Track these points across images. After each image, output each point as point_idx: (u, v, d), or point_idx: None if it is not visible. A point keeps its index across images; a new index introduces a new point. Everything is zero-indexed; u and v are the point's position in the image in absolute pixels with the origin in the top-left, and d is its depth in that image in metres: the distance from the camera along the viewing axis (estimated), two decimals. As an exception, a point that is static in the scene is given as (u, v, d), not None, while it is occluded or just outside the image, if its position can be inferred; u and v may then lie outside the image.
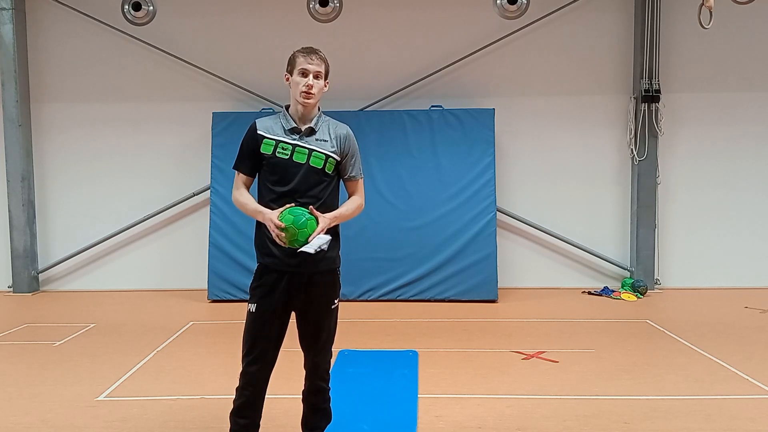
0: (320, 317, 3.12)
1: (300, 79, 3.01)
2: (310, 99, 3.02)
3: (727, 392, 4.44)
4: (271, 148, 3.04)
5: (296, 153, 3.02)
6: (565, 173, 8.25)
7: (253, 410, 3.09)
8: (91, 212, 8.39)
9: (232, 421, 3.10)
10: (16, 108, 8.03)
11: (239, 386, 3.08)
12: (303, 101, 3.02)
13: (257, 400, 3.09)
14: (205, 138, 8.11)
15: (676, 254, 8.28)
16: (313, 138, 3.06)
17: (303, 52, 3.04)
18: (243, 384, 3.07)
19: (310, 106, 3.05)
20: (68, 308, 7.48)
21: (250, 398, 3.06)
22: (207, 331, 6.36)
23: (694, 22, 6.21)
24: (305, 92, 3.00)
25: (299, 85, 3.01)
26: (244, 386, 3.06)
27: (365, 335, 5.98)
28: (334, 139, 3.09)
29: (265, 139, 3.05)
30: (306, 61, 3.01)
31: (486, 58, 8.18)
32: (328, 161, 3.05)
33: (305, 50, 3.06)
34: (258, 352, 3.04)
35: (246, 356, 3.06)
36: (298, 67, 3.02)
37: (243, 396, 3.06)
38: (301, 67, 3.01)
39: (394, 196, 7.79)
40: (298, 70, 3.01)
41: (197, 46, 8.21)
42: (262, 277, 3.07)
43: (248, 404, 3.07)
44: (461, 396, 4.39)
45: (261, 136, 3.06)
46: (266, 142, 3.05)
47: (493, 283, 7.59)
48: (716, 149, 8.19)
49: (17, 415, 4.11)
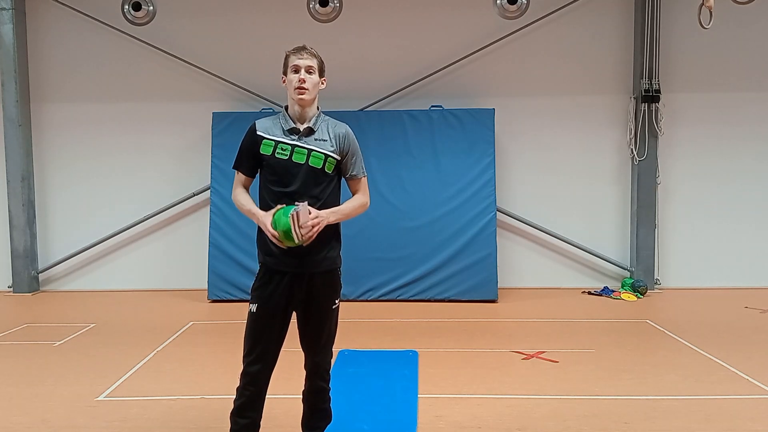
0: (321, 317, 3.12)
1: (293, 76, 3.02)
2: (304, 94, 3.00)
3: (727, 392, 4.44)
4: (271, 148, 3.03)
5: (295, 153, 3.02)
6: (565, 173, 8.25)
7: (254, 410, 3.09)
8: (91, 212, 8.39)
9: (232, 421, 3.09)
10: (16, 108, 8.04)
11: (240, 386, 3.07)
12: (298, 97, 3.01)
13: (258, 400, 3.08)
14: (205, 138, 8.11)
15: (676, 254, 8.28)
16: (312, 138, 3.05)
17: (293, 51, 3.07)
18: (244, 384, 3.06)
19: (306, 104, 3.04)
20: (68, 308, 7.48)
21: (250, 398, 3.05)
22: (207, 331, 6.36)
23: (694, 22, 6.21)
24: (298, 87, 3.00)
25: (293, 82, 3.01)
26: (245, 386, 3.06)
27: (365, 335, 5.98)
28: (333, 139, 3.08)
29: (265, 139, 3.05)
30: (296, 58, 3.03)
31: (486, 58, 8.18)
32: (327, 161, 3.04)
33: (295, 48, 3.08)
34: (259, 352, 3.03)
35: (247, 356, 3.06)
36: (290, 65, 3.04)
37: (243, 396, 3.06)
38: (293, 64, 3.03)
39: (394, 196, 7.79)
40: (290, 68, 3.03)
41: (197, 46, 8.21)
42: (263, 278, 3.07)
43: (249, 404, 3.06)
44: (461, 396, 4.39)
45: (260, 137, 3.06)
46: (265, 142, 3.05)
47: (493, 283, 7.59)
48: (716, 149, 8.19)
49: (17, 415, 4.11)
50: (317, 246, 2.99)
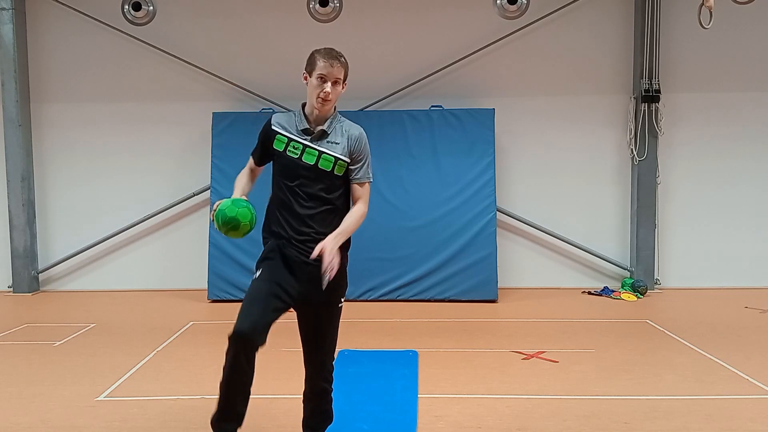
0: (329, 316, 3.11)
1: (318, 84, 2.96)
2: (327, 105, 3.01)
3: (727, 392, 4.44)
4: (283, 145, 3.05)
5: (306, 154, 3.02)
6: (565, 173, 8.25)
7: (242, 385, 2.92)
8: (91, 212, 8.39)
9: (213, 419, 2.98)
10: (16, 108, 8.03)
11: (225, 364, 2.91)
12: (319, 107, 3.00)
13: (243, 378, 2.91)
14: (205, 138, 8.11)
15: (676, 254, 8.28)
16: (325, 141, 3.04)
17: (325, 57, 2.97)
18: (230, 358, 2.88)
19: (325, 111, 3.05)
20: (68, 308, 7.48)
21: (235, 375, 2.89)
22: (207, 331, 6.35)
23: (694, 22, 6.22)
24: (322, 99, 2.97)
25: (316, 90, 2.97)
26: (231, 361, 2.87)
27: (365, 335, 5.98)
28: (345, 140, 3.05)
29: (279, 135, 3.07)
30: (326, 67, 2.95)
31: (486, 58, 8.18)
32: (337, 164, 3.03)
33: (327, 54, 2.98)
34: (250, 313, 2.90)
35: (239, 317, 2.91)
36: (317, 71, 2.96)
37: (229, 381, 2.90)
38: (321, 72, 2.96)
39: (394, 196, 7.79)
40: (317, 75, 2.96)
41: (197, 46, 8.21)
42: (270, 252, 3.05)
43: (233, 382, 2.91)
44: (461, 396, 4.39)
45: (275, 132, 3.08)
46: (279, 138, 3.06)
47: (493, 283, 7.59)
48: (716, 149, 8.19)
49: (17, 415, 4.11)
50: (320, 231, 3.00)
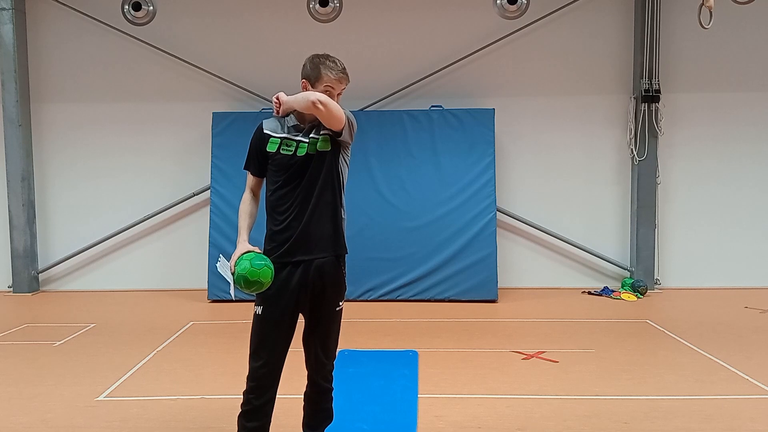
0: (330, 318, 3.11)
1: None
2: None
3: (727, 392, 4.44)
4: (276, 146, 3.05)
5: (299, 148, 3.03)
6: (565, 173, 8.25)
7: (263, 414, 3.02)
8: (91, 212, 8.39)
9: (240, 425, 3.03)
10: (16, 108, 8.03)
11: (246, 389, 3.01)
12: (318, 113, 2.97)
13: (266, 403, 3.01)
14: (205, 138, 8.11)
15: (676, 254, 8.27)
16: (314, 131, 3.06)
17: (333, 70, 3.00)
18: (250, 388, 3.00)
19: None
20: (68, 308, 7.48)
21: (258, 402, 2.99)
22: (207, 331, 6.35)
23: (694, 22, 6.21)
24: None
25: None
26: (252, 390, 2.99)
27: (365, 335, 5.98)
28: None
29: (271, 137, 3.07)
30: (334, 79, 3.00)
31: (486, 58, 8.18)
32: (326, 139, 3.03)
33: (336, 68, 3.01)
34: (265, 354, 2.98)
35: (253, 358, 3.00)
36: (325, 83, 2.99)
37: (250, 402, 2.99)
38: (330, 85, 2.99)
39: (394, 196, 7.79)
40: (324, 86, 2.98)
41: (197, 46, 8.21)
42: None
43: (257, 408, 2.99)
44: (461, 396, 4.39)
45: (267, 135, 3.08)
46: (272, 140, 3.07)
47: (493, 283, 7.59)
48: (716, 149, 8.19)
49: (17, 415, 4.11)
50: (316, 228, 3.00)
